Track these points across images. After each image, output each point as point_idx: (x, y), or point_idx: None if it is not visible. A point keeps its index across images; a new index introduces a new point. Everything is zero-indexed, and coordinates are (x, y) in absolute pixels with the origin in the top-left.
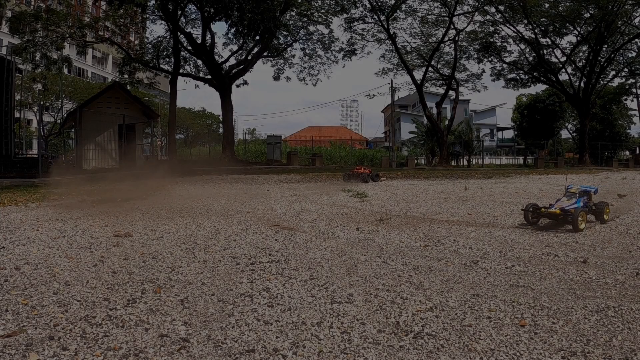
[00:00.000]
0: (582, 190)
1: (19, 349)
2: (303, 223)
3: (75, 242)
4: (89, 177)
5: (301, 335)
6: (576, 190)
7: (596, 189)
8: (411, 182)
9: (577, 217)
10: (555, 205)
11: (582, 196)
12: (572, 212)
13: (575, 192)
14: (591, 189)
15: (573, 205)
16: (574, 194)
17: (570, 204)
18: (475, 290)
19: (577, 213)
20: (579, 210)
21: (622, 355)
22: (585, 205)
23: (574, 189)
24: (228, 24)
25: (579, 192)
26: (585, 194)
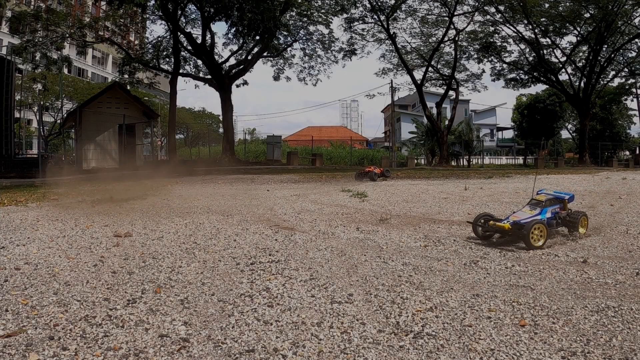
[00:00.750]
0: (551, 197)
1: (19, 349)
2: (303, 223)
3: (75, 242)
4: (89, 177)
5: (301, 335)
6: (543, 197)
7: (571, 195)
8: (411, 182)
9: (529, 232)
10: (510, 217)
11: (552, 204)
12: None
13: (541, 201)
14: (564, 195)
15: (533, 217)
16: (539, 203)
17: (530, 215)
18: (475, 290)
19: (530, 227)
20: (532, 223)
21: (622, 355)
22: (553, 216)
23: (541, 196)
24: (228, 24)
25: (546, 200)
26: (557, 202)
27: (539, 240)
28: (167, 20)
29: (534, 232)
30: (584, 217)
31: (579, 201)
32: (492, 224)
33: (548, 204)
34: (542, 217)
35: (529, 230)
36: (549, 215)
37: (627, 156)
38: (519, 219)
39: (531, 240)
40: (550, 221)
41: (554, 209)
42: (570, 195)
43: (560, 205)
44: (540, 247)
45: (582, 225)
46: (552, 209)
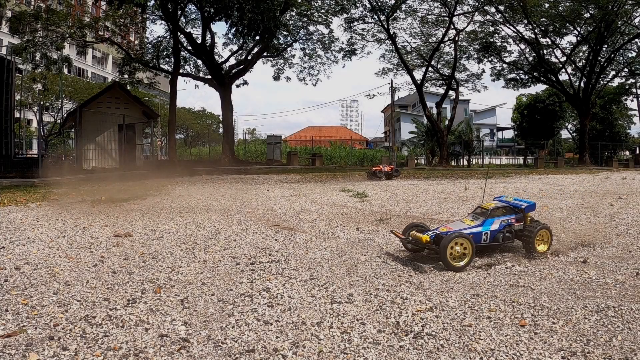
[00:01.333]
0: (502, 205)
1: (19, 349)
2: (303, 223)
3: (75, 242)
4: (89, 177)
5: (301, 335)
6: (491, 205)
7: (531, 203)
8: (411, 182)
9: (446, 247)
10: (439, 227)
11: (503, 214)
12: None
13: (486, 210)
14: (521, 203)
15: (470, 228)
16: (484, 212)
17: (467, 227)
18: (475, 290)
19: (448, 241)
20: (452, 237)
21: (622, 355)
22: (502, 228)
23: (490, 203)
24: (228, 24)
25: (495, 209)
26: (510, 212)
27: (460, 259)
28: (167, 20)
29: (453, 247)
30: (544, 230)
31: (578, 201)
32: (413, 235)
33: (497, 214)
34: (483, 229)
35: (446, 246)
36: (495, 228)
37: (627, 156)
38: (449, 230)
39: (448, 258)
40: (494, 234)
41: (505, 220)
42: (529, 204)
43: (515, 216)
44: (461, 268)
45: (542, 241)
46: (501, 219)
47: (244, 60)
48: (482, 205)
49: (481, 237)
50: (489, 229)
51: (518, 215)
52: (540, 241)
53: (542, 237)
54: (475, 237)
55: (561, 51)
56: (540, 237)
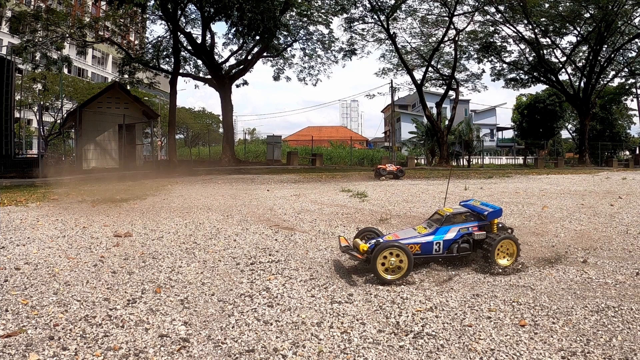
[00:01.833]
0: (461, 211)
1: (19, 349)
2: (303, 223)
3: (75, 242)
4: (89, 177)
5: (301, 335)
6: (448, 211)
7: (496, 209)
8: (411, 182)
9: (377, 259)
10: (386, 236)
11: (463, 221)
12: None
13: (441, 217)
14: (486, 209)
15: (421, 237)
16: (439, 219)
17: (416, 235)
18: (475, 290)
19: (379, 252)
20: (383, 247)
21: (622, 355)
22: (460, 237)
23: (448, 208)
24: (228, 24)
25: (453, 215)
26: (472, 218)
27: (392, 272)
28: (167, 20)
29: (387, 258)
30: (509, 241)
31: (578, 201)
32: (355, 243)
33: (456, 220)
34: (435, 237)
35: (377, 256)
36: (450, 237)
37: (627, 156)
38: (395, 238)
39: (379, 270)
40: (449, 245)
41: (465, 228)
42: (494, 209)
43: (478, 223)
44: (390, 281)
45: (505, 254)
46: (460, 227)
47: (244, 60)
48: (439, 211)
49: (432, 247)
50: (442, 238)
51: (482, 222)
52: (504, 253)
53: (505, 249)
54: (424, 248)
55: (561, 51)
56: (503, 249)
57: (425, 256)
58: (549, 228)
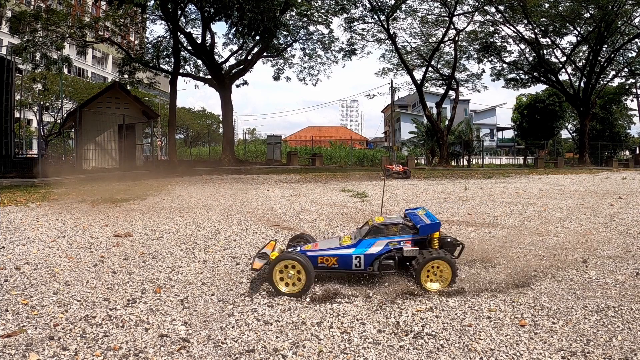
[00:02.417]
0: (393, 222)
1: (19, 349)
2: (303, 223)
3: (75, 242)
4: (89, 177)
5: (301, 335)
6: (379, 220)
7: (433, 223)
8: (411, 182)
9: (273, 271)
10: (304, 246)
11: (393, 234)
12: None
13: (367, 227)
14: (419, 221)
15: (338, 250)
16: (368, 230)
17: (336, 247)
18: (475, 290)
19: (275, 264)
20: (279, 259)
21: (622, 355)
22: (386, 252)
23: (377, 218)
24: (228, 24)
25: (382, 226)
26: (405, 231)
27: (293, 285)
28: (167, 20)
29: (284, 270)
30: (441, 262)
31: (578, 201)
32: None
33: (385, 233)
34: (355, 251)
35: (273, 268)
36: (375, 250)
37: (627, 156)
38: (314, 248)
39: (276, 282)
40: (372, 259)
41: (395, 242)
42: (433, 222)
43: (412, 237)
44: (284, 294)
45: (436, 276)
46: (389, 240)
47: (244, 60)
48: (369, 220)
49: (351, 261)
50: (363, 252)
51: (414, 235)
52: (435, 276)
53: (435, 271)
54: (342, 261)
55: (561, 51)
56: (432, 271)
57: (344, 271)
58: (549, 228)
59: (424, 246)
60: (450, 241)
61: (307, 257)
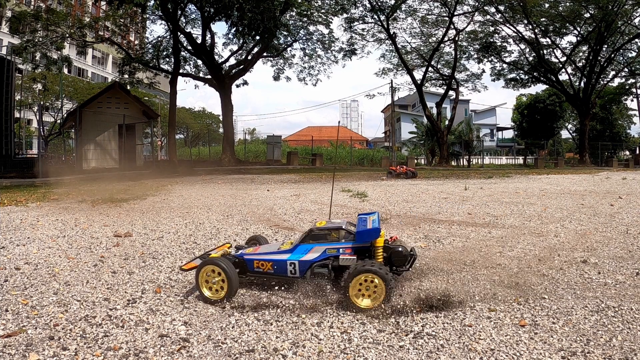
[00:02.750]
0: (333, 227)
1: (19, 349)
2: (303, 223)
3: (75, 242)
4: (89, 177)
5: (301, 335)
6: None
7: (372, 230)
8: (411, 182)
9: (198, 276)
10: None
11: (333, 240)
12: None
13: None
14: (362, 226)
15: (275, 255)
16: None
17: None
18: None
19: (200, 269)
20: (204, 264)
21: (622, 355)
22: (322, 259)
23: (322, 222)
24: (228, 24)
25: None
26: (348, 237)
27: (216, 291)
28: (167, 20)
29: (210, 275)
30: (372, 275)
31: (578, 202)
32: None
33: (324, 238)
34: (291, 257)
35: (198, 273)
36: (310, 257)
37: (627, 156)
38: (255, 252)
39: (202, 288)
40: (306, 267)
41: (333, 249)
42: (372, 229)
43: (352, 244)
44: (207, 299)
45: (369, 291)
46: (327, 247)
47: (244, 60)
48: (313, 226)
49: (287, 267)
50: (298, 258)
51: (358, 244)
52: (368, 290)
53: (369, 285)
54: (277, 267)
55: (561, 51)
56: (365, 285)
57: (281, 277)
58: (549, 228)
59: (366, 255)
60: (400, 251)
61: (244, 261)
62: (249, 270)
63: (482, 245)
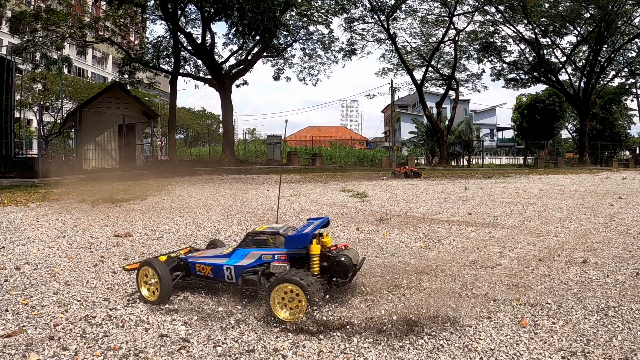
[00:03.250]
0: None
1: (19, 349)
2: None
3: (75, 242)
4: (89, 177)
5: (301, 335)
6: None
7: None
8: (411, 182)
9: (138, 277)
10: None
11: (271, 245)
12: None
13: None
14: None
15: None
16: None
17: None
18: (475, 291)
19: (139, 270)
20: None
21: (622, 355)
22: (257, 265)
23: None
24: (228, 24)
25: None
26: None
27: (152, 295)
28: (167, 20)
29: (146, 277)
30: (291, 286)
31: (578, 202)
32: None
33: (261, 243)
34: (228, 261)
35: (138, 274)
36: (246, 263)
37: (627, 156)
38: (200, 255)
39: (141, 288)
40: (240, 273)
41: (268, 255)
42: (300, 234)
43: (285, 251)
44: (146, 300)
45: (292, 302)
46: (263, 252)
47: (244, 60)
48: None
49: (224, 272)
50: (234, 263)
51: (292, 250)
52: (291, 302)
53: (292, 296)
54: (216, 271)
55: (561, 51)
56: (288, 296)
57: (219, 282)
58: (549, 228)
59: (303, 263)
60: (341, 261)
61: (187, 264)
62: (192, 274)
63: (482, 245)
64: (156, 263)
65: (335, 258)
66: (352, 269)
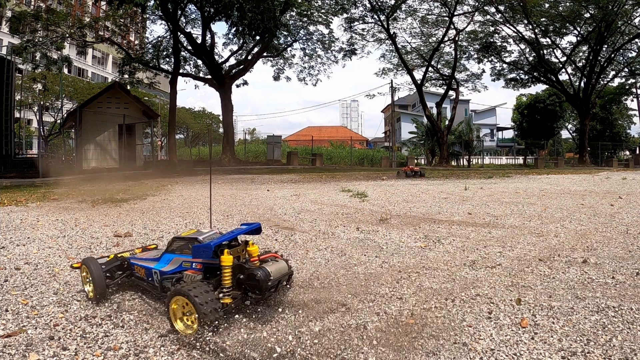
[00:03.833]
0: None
1: (19, 349)
2: (303, 223)
3: (75, 242)
4: (89, 177)
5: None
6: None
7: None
8: (411, 182)
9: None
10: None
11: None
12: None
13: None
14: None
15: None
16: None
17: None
18: (475, 290)
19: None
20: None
21: (622, 355)
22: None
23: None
24: (228, 24)
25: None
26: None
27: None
28: (167, 20)
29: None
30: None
31: (578, 201)
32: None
33: (182, 249)
34: (156, 265)
35: (81, 270)
36: (169, 268)
37: (627, 156)
38: (140, 257)
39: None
40: (161, 277)
41: (188, 262)
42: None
43: (201, 260)
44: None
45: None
46: (184, 259)
47: (244, 60)
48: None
49: (153, 275)
50: (160, 268)
51: (208, 259)
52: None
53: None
54: (147, 274)
55: (561, 51)
56: (187, 308)
57: (151, 285)
58: (549, 228)
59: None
60: (253, 274)
61: (129, 264)
62: (133, 274)
63: (482, 245)
64: (90, 262)
65: (249, 271)
66: (270, 284)
